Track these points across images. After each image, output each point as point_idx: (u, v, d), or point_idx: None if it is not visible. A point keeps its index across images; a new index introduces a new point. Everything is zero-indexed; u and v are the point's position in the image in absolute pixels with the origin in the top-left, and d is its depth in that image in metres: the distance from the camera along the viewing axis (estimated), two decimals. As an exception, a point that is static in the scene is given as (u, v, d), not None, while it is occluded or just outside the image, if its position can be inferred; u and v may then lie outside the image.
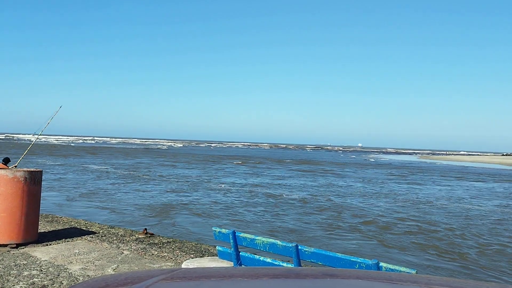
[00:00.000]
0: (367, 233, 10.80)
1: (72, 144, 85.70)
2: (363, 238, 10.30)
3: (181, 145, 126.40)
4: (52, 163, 29.80)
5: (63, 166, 28.15)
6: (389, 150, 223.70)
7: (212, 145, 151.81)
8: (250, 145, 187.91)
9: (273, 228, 10.90)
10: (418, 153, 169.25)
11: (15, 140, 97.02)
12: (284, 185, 21.92)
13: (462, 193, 21.53)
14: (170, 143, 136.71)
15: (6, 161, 7.78)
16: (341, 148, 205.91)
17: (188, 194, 16.54)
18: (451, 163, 68.59)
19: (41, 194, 7.04)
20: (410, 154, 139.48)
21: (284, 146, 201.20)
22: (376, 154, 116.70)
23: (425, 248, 9.61)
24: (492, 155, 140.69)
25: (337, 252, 3.75)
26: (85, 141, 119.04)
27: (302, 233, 10.43)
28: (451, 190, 22.76)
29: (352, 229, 11.28)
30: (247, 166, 36.94)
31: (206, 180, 22.51)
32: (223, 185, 20.22)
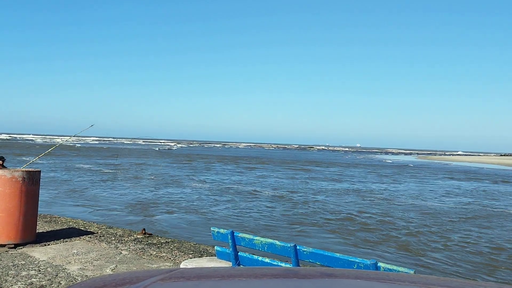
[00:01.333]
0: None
1: (85, 145, 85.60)
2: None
3: (185, 145, 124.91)
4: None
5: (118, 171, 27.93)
6: (388, 150, 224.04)
7: (216, 145, 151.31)
8: (250, 145, 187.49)
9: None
10: (417, 153, 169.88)
11: (18, 140, 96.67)
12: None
13: (433, 191, 22.35)
14: (170, 143, 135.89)
15: (2, 160, 7.75)
16: (346, 149, 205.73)
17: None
18: (448, 163, 69.00)
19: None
20: (409, 154, 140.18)
21: (285, 146, 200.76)
22: (380, 155, 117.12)
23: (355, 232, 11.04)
24: (493, 155, 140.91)
25: (336, 252, 3.75)
26: (87, 141, 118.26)
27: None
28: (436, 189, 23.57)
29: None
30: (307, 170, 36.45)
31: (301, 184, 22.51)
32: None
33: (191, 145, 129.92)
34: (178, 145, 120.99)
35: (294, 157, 67.36)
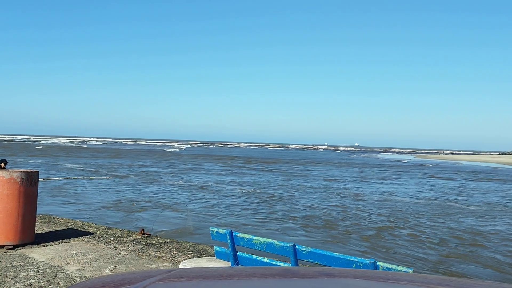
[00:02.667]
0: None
1: (96, 145, 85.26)
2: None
3: (189, 145, 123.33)
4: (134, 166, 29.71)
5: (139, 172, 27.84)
6: (388, 149, 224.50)
7: (220, 145, 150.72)
8: (251, 145, 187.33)
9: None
10: (415, 152, 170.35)
11: (23, 141, 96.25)
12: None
13: (408, 189, 22.75)
14: (173, 144, 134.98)
15: (4, 163, 7.74)
16: (350, 148, 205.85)
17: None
18: (444, 162, 69.21)
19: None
20: (411, 153, 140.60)
21: (290, 146, 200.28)
22: (383, 154, 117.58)
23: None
24: (495, 154, 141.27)
25: (335, 252, 3.76)
26: (89, 142, 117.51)
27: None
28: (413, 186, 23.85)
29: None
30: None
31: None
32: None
33: (195, 146, 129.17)
34: (182, 146, 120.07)
35: (313, 158, 67.34)
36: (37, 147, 62.28)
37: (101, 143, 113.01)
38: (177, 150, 79.10)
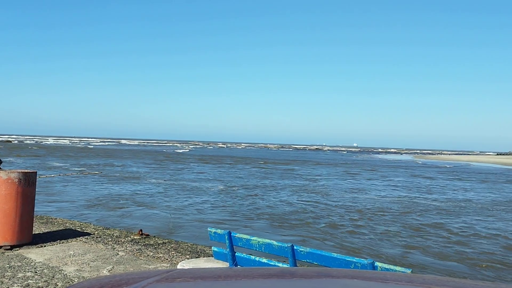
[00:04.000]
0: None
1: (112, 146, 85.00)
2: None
3: (192, 146, 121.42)
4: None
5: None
6: (387, 150, 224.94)
7: (221, 146, 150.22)
8: (252, 146, 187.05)
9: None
10: (414, 152, 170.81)
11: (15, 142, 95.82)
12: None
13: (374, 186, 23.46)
14: (176, 145, 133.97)
15: None
16: (352, 149, 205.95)
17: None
18: (467, 163, 68.33)
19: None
20: (406, 154, 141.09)
21: (292, 146, 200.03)
22: (387, 155, 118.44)
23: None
24: (494, 155, 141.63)
25: (333, 252, 3.76)
26: (94, 143, 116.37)
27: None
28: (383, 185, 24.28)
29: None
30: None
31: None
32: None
33: (198, 146, 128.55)
34: (188, 146, 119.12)
35: (324, 158, 67.33)
36: (34, 147, 62.17)
37: (106, 143, 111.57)
38: (187, 151, 77.97)
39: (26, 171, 6.62)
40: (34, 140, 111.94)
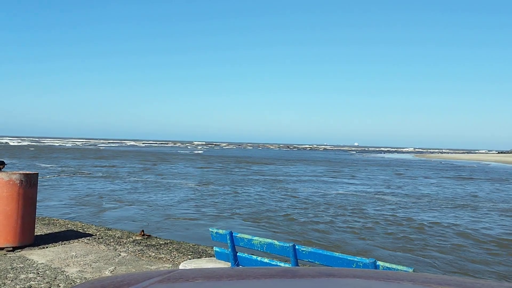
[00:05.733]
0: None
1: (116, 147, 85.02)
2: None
3: (204, 148, 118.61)
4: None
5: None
6: (389, 149, 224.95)
7: (226, 146, 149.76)
8: (243, 145, 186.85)
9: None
10: (416, 151, 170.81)
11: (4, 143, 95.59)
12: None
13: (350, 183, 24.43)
14: (183, 146, 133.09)
15: (2, 164, 7.73)
16: (354, 149, 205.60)
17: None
18: (478, 162, 67.33)
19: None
20: (408, 152, 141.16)
21: (293, 147, 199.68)
22: (393, 154, 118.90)
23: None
24: (496, 153, 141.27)
25: (335, 252, 3.76)
26: (95, 143, 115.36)
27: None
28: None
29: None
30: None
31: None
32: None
33: (205, 147, 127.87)
34: (188, 146, 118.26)
35: (335, 158, 67.39)
36: (30, 149, 62.26)
37: (114, 145, 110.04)
38: (201, 152, 77.38)
39: (27, 172, 6.63)
40: (54, 142, 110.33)
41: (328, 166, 42.92)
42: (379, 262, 3.31)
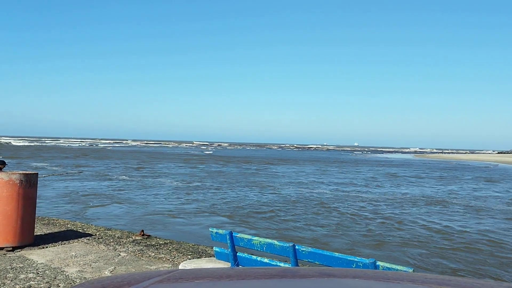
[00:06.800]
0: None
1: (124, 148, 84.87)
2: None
3: (212, 148, 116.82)
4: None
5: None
6: (389, 149, 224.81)
7: (228, 146, 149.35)
8: (244, 145, 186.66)
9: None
10: (416, 151, 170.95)
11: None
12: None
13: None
14: (187, 146, 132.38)
15: (2, 164, 7.73)
16: (356, 149, 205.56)
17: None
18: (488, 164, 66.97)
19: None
20: (408, 153, 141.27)
21: (300, 147, 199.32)
22: (397, 154, 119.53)
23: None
24: (495, 153, 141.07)
25: (335, 252, 3.76)
26: (98, 144, 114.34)
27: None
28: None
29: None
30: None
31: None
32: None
33: (211, 147, 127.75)
34: (201, 146, 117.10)
35: (345, 159, 67.36)
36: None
37: (118, 145, 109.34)
38: (211, 153, 76.31)
39: (27, 172, 6.64)
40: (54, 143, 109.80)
41: (344, 166, 42.60)
42: (378, 262, 3.31)
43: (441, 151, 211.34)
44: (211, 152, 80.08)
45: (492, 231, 11.61)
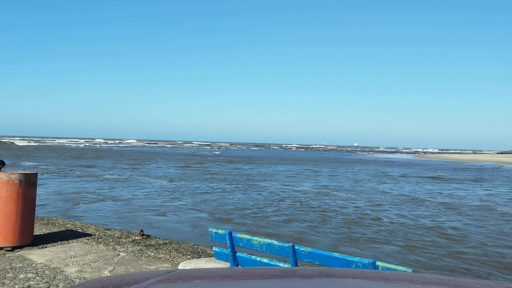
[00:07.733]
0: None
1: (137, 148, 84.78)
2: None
3: (193, 146, 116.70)
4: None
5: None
6: (389, 149, 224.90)
7: (229, 146, 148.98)
8: (244, 145, 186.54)
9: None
10: (416, 152, 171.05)
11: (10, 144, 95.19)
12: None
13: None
14: (175, 145, 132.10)
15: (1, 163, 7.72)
16: (358, 149, 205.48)
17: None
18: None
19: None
20: (409, 153, 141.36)
21: (303, 147, 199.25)
22: (400, 154, 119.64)
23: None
24: (495, 153, 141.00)
25: (334, 252, 3.76)
26: (98, 143, 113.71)
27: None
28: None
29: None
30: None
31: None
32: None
33: (205, 147, 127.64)
34: (187, 146, 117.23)
35: (355, 159, 67.12)
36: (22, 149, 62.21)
37: (122, 145, 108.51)
38: (219, 153, 75.78)
39: (26, 172, 6.63)
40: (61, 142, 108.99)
41: (362, 166, 43.40)
42: (378, 263, 3.31)
43: (443, 151, 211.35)
44: (218, 152, 79.95)
45: (459, 228, 12.09)
